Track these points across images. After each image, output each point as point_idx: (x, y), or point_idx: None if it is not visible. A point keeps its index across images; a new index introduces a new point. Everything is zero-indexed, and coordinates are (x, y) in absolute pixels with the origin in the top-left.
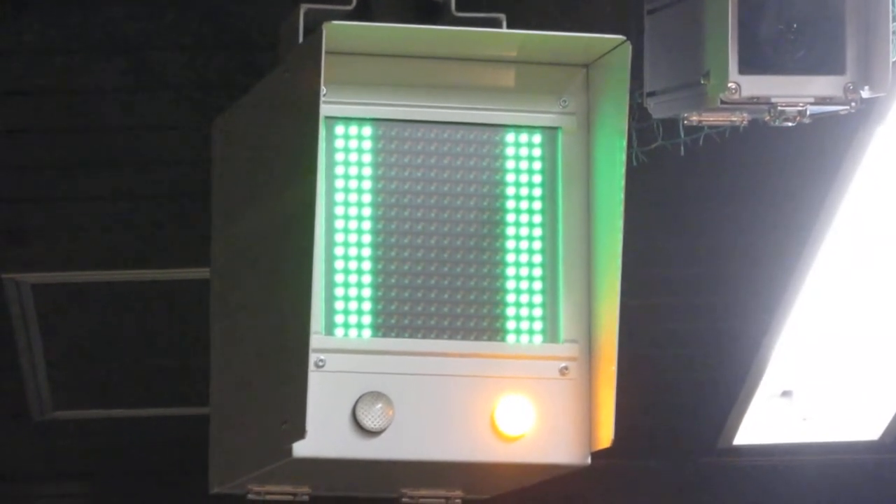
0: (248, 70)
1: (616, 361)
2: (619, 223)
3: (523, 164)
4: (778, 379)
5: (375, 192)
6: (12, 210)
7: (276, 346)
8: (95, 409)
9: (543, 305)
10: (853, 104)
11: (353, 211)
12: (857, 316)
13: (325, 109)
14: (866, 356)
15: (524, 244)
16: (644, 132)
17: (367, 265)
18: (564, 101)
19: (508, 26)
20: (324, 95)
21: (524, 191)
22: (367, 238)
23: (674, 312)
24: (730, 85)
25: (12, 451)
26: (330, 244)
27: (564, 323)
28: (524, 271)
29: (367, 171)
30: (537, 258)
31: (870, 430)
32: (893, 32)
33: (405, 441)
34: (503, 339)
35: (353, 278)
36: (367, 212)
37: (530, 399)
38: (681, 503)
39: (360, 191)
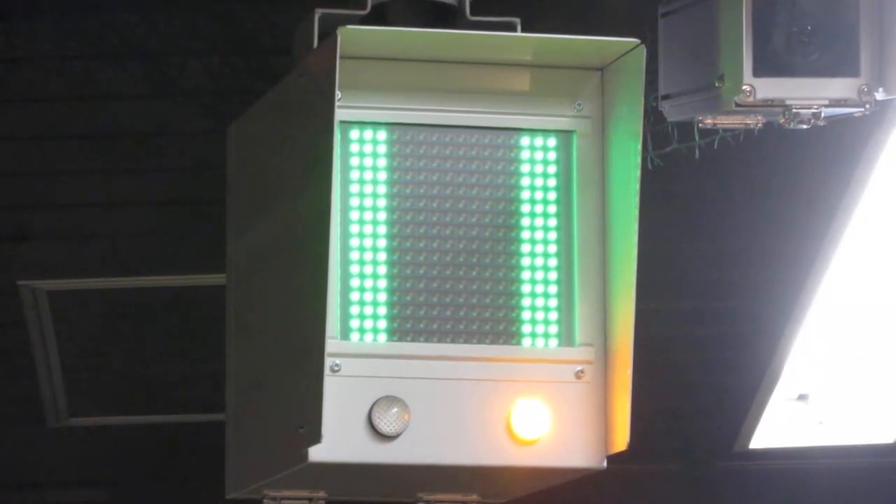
0: (262, 75)
1: (631, 365)
2: (634, 226)
3: (538, 168)
4: (794, 382)
5: (390, 196)
6: (28, 216)
7: (291, 351)
8: (111, 415)
9: (559, 309)
10: (868, 106)
11: (368, 215)
12: (874, 319)
13: (340, 114)
14: (882, 359)
15: (539, 248)
16: (659, 135)
17: (382, 269)
18: (579, 105)
19: (523, 30)
20: (339, 100)
21: (539, 194)
22: (382, 242)
23: (689, 316)
24: (744, 87)
25: (28, 458)
26: (345, 248)
27: (580, 326)
28: (539, 275)
29: (382, 176)
30: (552, 262)
31: (886, 434)
32: None
33: (421, 445)
34: (519, 343)
35: (368, 283)
36: (382, 216)
37: (546, 403)
38: None
39: (375, 195)
